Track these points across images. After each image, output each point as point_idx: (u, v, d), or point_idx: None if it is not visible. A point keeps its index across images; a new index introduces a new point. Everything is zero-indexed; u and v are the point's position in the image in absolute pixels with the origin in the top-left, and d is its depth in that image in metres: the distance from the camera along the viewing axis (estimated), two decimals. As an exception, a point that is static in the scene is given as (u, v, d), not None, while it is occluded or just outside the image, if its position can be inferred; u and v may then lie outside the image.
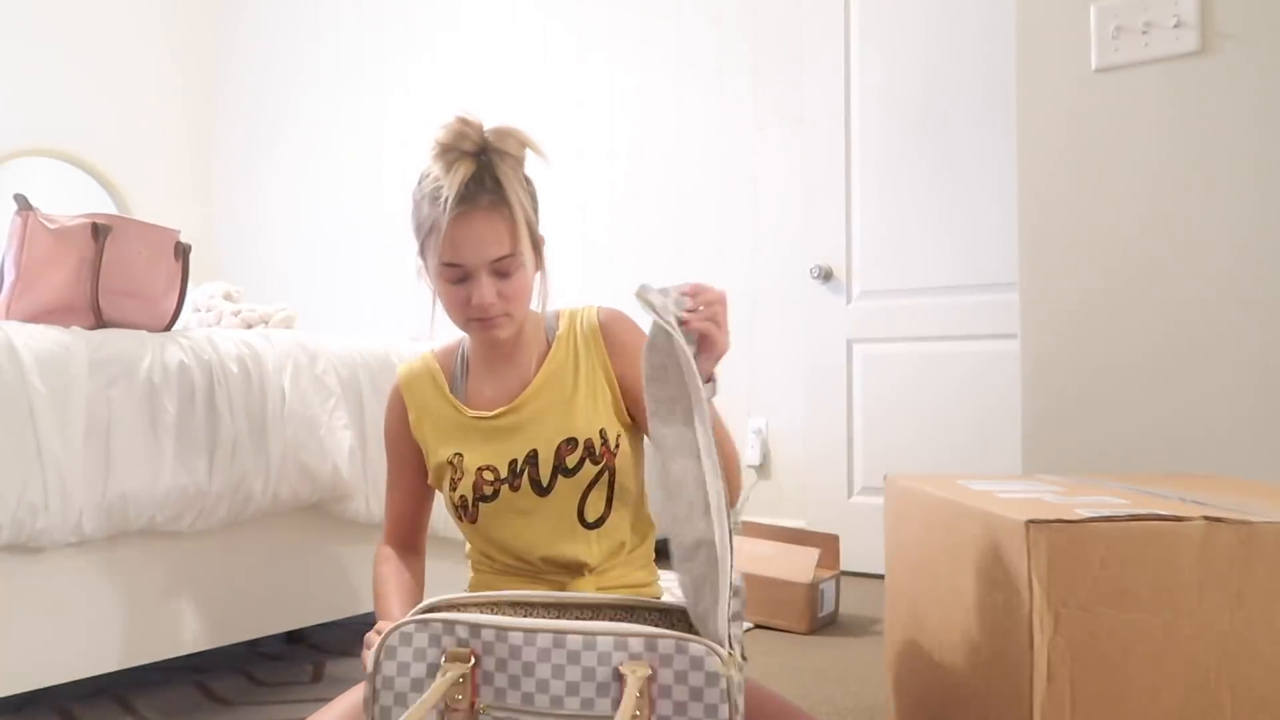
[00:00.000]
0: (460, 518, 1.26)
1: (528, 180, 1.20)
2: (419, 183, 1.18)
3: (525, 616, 1.14)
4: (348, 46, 4.37)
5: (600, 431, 1.23)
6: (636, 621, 1.05)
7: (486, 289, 1.15)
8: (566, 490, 1.22)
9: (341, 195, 4.38)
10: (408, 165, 4.16)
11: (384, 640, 0.94)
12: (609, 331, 1.29)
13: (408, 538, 1.36)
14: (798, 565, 2.17)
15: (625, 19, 3.59)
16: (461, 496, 1.24)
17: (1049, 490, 1.12)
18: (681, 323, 0.95)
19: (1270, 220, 1.66)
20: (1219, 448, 1.68)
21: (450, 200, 1.11)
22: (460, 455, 1.24)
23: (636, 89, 3.56)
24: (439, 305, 1.22)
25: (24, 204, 1.60)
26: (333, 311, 4.32)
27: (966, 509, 1.03)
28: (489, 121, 1.16)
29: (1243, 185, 1.69)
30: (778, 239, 3.25)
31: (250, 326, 2.31)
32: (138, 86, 4.51)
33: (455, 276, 1.17)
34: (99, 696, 1.69)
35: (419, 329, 3.86)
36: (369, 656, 0.96)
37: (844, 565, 2.74)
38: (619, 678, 0.91)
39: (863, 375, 2.88)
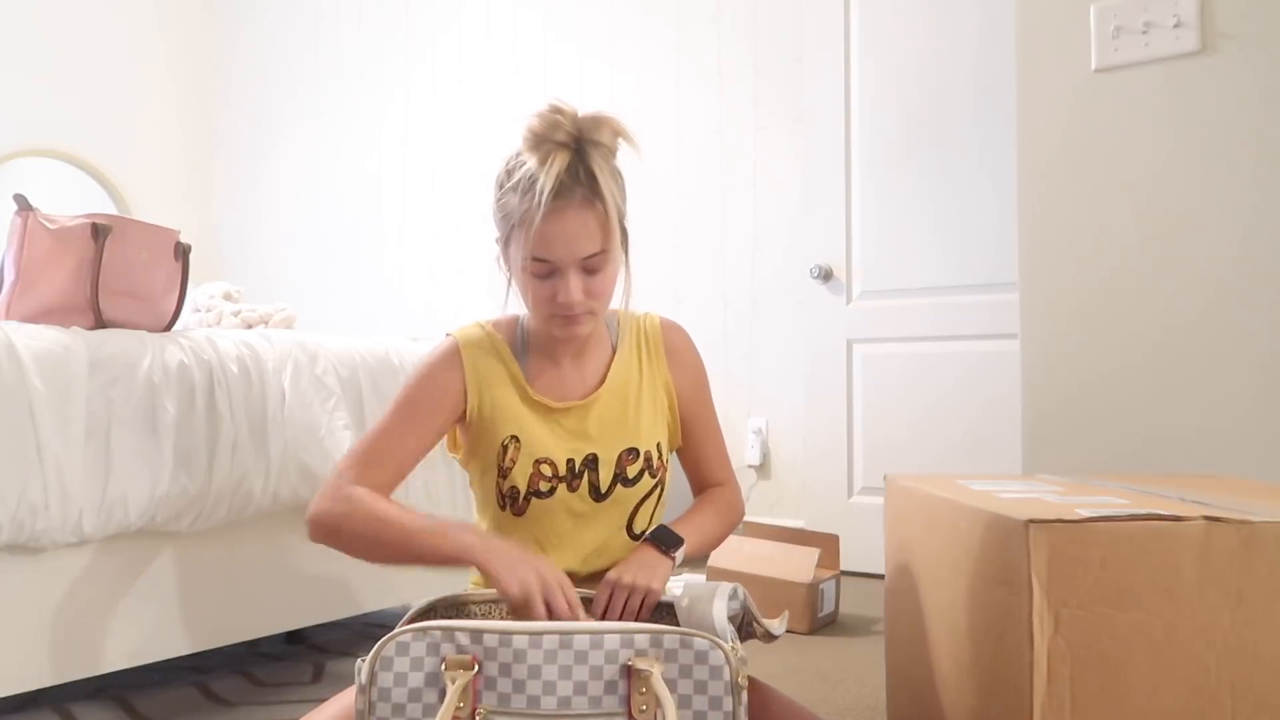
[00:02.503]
0: (503, 506, 1.21)
1: (617, 171, 1.16)
2: (506, 170, 1.14)
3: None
4: (348, 47, 4.37)
5: (658, 445, 1.23)
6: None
7: (574, 287, 1.12)
8: (622, 499, 1.21)
9: (341, 195, 4.38)
10: (407, 165, 4.16)
11: (378, 651, 0.93)
12: (670, 342, 1.28)
13: (385, 492, 1.16)
14: (798, 565, 2.17)
15: (625, 19, 3.59)
16: (513, 487, 1.19)
17: (1049, 490, 1.12)
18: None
19: (1270, 220, 1.66)
20: (1219, 448, 1.68)
21: (546, 195, 1.07)
22: (517, 440, 1.19)
23: (636, 89, 3.56)
24: (513, 291, 1.19)
25: (24, 204, 1.60)
26: (333, 311, 4.32)
27: (967, 509, 1.03)
28: (582, 109, 1.12)
29: (1243, 185, 1.68)
30: (778, 239, 3.25)
31: (250, 326, 2.31)
32: (138, 86, 4.51)
33: (543, 271, 1.13)
34: (99, 696, 1.69)
35: (418, 329, 3.86)
36: (363, 667, 0.93)
37: (844, 565, 2.74)
38: (626, 674, 0.91)
39: (863, 375, 2.88)
